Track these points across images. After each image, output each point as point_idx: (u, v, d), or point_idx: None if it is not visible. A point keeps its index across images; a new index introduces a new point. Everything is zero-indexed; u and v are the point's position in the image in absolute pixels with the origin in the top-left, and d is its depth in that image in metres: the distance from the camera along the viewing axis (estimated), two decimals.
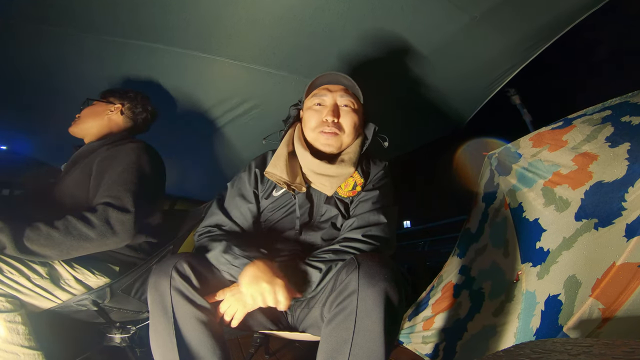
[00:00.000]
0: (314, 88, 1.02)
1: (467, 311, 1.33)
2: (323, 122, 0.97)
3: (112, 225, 0.96)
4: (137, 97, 1.32)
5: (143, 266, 1.08)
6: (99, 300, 1.02)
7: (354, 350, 0.67)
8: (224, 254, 0.85)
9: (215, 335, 0.76)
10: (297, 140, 0.99)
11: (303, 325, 0.89)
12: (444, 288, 1.53)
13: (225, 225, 0.97)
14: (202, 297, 0.77)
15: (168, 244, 1.18)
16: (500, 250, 1.31)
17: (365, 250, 0.85)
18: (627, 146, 0.99)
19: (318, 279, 0.81)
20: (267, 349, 1.57)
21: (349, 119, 0.97)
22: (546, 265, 1.07)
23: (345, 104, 0.98)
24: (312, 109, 0.99)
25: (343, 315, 0.69)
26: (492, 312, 1.21)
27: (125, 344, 1.22)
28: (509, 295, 1.18)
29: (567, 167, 1.12)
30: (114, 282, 1.03)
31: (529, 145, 1.32)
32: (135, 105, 1.31)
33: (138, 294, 1.10)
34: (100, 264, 1.06)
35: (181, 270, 0.78)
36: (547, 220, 1.14)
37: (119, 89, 1.34)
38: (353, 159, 0.96)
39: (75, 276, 1.00)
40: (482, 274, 1.36)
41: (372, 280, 0.69)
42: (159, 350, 0.75)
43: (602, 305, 0.86)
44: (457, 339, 1.29)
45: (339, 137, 0.97)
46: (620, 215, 0.92)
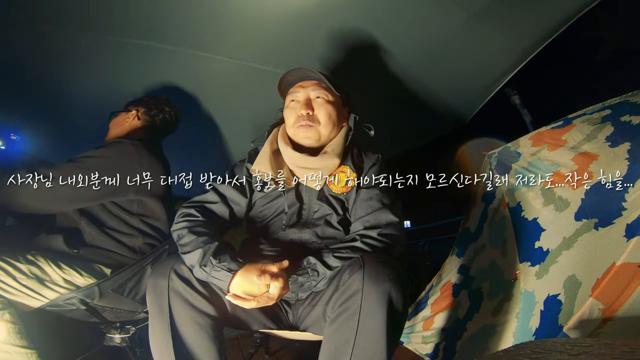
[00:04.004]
0: (287, 87, 1.05)
1: (466, 311, 1.33)
2: (299, 116, 0.99)
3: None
4: (151, 100, 1.36)
5: (134, 266, 1.09)
6: (88, 300, 1.03)
7: (356, 351, 0.67)
8: (202, 266, 0.79)
9: (212, 338, 0.76)
10: (280, 137, 1.01)
11: (305, 324, 0.89)
12: (443, 287, 1.53)
13: (213, 203, 0.97)
14: (202, 299, 0.77)
15: (163, 244, 1.18)
16: (498, 249, 1.31)
17: (381, 249, 0.85)
18: (627, 146, 0.99)
19: (333, 275, 0.81)
20: (267, 349, 1.57)
21: (323, 110, 0.99)
22: (545, 265, 1.07)
23: (317, 95, 1.00)
24: (289, 107, 1.03)
25: (346, 315, 0.69)
26: (491, 311, 1.21)
27: (125, 344, 1.23)
28: (507, 295, 1.17)
29: (567, 166, 1.12)
30: (102, 281, 1.04)
31: (528, 144, 1.32)
32: (149, 108, 1.34)
33: (132, 293, 1.10)
34: (89, 264, 1.07)
35: (180, 272, 0.78)
36: (547, 219, 1.14)
37: (140, 97, 1.39)
38: (337, 150, 0.97)
39: (63, 276, 1.02)
40: (480, 274, 1.36)
41: (376, 281, 0.69)
42: (157, 351, 0.75)
43: (603, 305, 0.86)
44: (457, 339, 1.29)
45: (315, 129, 0.99)
46: (621, 215, 0.91)
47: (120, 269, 1.09)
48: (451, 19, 1.33)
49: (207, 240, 0.83)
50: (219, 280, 0.78)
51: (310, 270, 0.81)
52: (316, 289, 0.82)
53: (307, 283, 0.80)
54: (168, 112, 1.38)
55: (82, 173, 1.06)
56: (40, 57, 1.35)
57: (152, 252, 1.14)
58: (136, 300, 1.13)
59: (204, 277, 0.79)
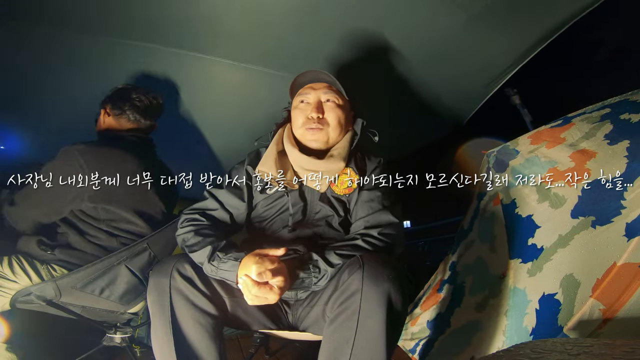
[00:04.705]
0: (297, 87, 1.05)
1: (447, 305, 1.32)
2: (308, 119, 0.99)
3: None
4: (114, 93, 1.27)
5: (99, 264, 1.07)
6: (47, 297, 1.04)
7: (356, 351, 0.67)
8: (211, 261, 0.81)
9: (213, 337, 0.76)
10: (287, 138, 1.01)
11: (304, 324, 0.89)
12: (434, 285, 1.54)
13: (213, 210, 0.97)
14: (204, 298, 0.77)
15: (135, 243, 1.14)
16: (486, 245, 1.30)
17: (381, 248, 0.85)
18: (627, 144, 0.98)
19: (334, 273, 0.81)
20: (267, 349, 1.57)
21: (333, 113, 0.99)
22: (538, 262, 1.06)
23: (328, 99, 1.00)
24: (298, 108, 1.02)
25: (346, 315, 0.69)
26: (475, 307, 1.21)
27: (125, 344, 1.23)
28: (494, 291, 1.17)
29: (564, 163, 1.11)
30: (59, 278, 1.05)
31: (527, 142, 1.32)
32: (114, 102, 1.26)
33: (105, 293, 1.10)
34: (65, 264, 1.08)
35: (182, 271, 0.78)
36: (542, 217, 1.13)
37: (108, 93, 1.30)
38: (342, 154, 0.97)
39: (17, 276, 1.04)
40: (465, 269, 1.36)
41: (375, 281, 0.69)
42: (158, 349, 0.76)
43: (603, 305, 0.85)
44: (440, 334, 1.29)
45: (324, 132, 0.99)
46: (620, 213, 0.91)
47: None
48: (452, 20, 1.33)
49: (215, 240, 0.85)
50: (227, 272, 0.79)
51: (312, 266, 0.81)
52: (316, 287, 0.82)
53: (308, 280, 0.80)
54: (138, 99, 1.26)
55: (37, 192, 1.07)
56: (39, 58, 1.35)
57: (119, 252, 1.10)
58: (112, 300, 1.11)
59: (213, 273, 0.80)
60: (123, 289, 1.12)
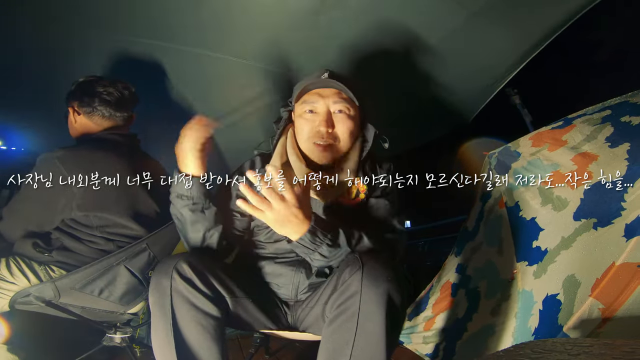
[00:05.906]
0: (303, 91, 0.94)
1: (465, 311, 1.33)
2: (317, 132, 0.91)
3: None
4: (77, 88, 1.17)
5: (98, 265, 1.06)
6: (46, 297, 1.04)
7: (355, 352, 0.67)
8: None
9: (214, 338, 0.76)
10: (291, 150, 0.96)
11: (304, 324, 0.89)
12: (443, 287, 1.53)
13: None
14: (204, 299, 0.77)
15: (133, 244, 1.12)
16: (494, 248, 1.31)
17: (384, 249, 0.86)
18: (627, 146, 0.99)
19: (336, 254, 0.81)
20: (267, 349, 1.57)
21: (345, 127, 0.91)
22: (543, 264, 1.07)
23: (339, 109, 0.91)
24: (304, 118, 0.93)
25: (345, 317, 0.69)
26: (490, 311, 1.21)
27: (125, 344, 1.23)
28: (505, 294, 1.17)
29: (566, 166, 1.12)
30: (57, 279, 1.04)
31: (528, 144, 1.32)
32: (80, 98, 1.16)
33: (104, 293, 1.09)
34: (63, 266, 1.08)
35: (182, 272, 0.77)
36: (545, 219, 1.13)
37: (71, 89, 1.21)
38: (352, 167, 0.94)
39: (15, 278, 1.03)
40: (477, 273, 1.36)
41: (375, 282, 0.68)
42: (159, 351, 0.75)
43: (602, 305, 0.86)
44: (457, 339, 1.29)
45: (335, 147, 0.93)
46: (620, 215, 0.92)
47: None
48: (452, 19, 1.33)
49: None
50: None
51: (321, 234, 0.79)
52: (315, 260, 0.82)
53: (313, 245, 0.79)
54: (106, 92, 1.16)
55: (24, 205, 1.06)
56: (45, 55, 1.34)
57: (117, 252, 1.09)
58: (112, 301, 1.11)
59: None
60: (122, 290, 1.12)
